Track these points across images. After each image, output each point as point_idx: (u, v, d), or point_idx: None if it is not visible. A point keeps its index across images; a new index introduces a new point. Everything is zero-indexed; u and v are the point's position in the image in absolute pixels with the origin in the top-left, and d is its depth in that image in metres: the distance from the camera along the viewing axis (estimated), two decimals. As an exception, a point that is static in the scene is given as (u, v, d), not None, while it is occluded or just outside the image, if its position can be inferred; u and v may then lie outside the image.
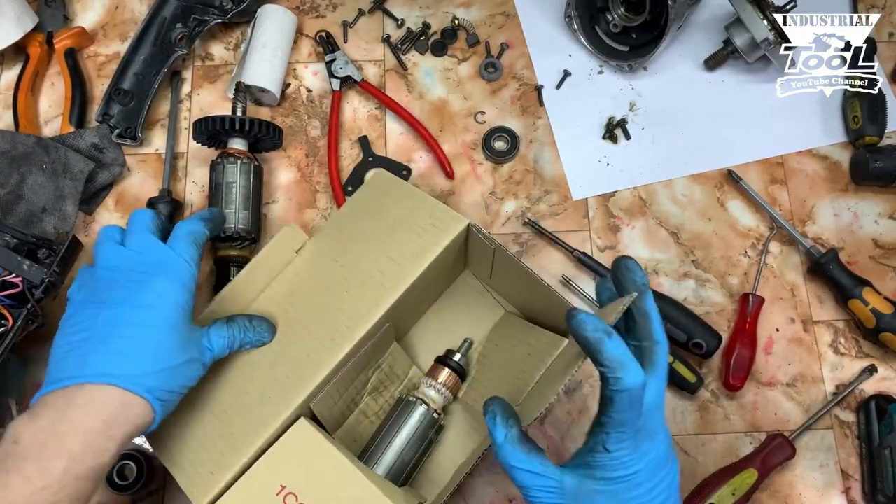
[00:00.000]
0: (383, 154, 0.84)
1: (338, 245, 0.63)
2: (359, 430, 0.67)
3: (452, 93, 0.87)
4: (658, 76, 0.88)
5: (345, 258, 0.62)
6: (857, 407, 0.75)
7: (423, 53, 0.88)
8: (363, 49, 0.88)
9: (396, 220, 0.62)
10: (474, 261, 0.70)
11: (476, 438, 0.67)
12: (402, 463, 0.62)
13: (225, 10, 0.85)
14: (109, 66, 0.86)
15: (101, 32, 0.89)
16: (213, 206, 0.76)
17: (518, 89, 0.87)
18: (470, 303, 0.72)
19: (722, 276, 0.80)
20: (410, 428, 0.63)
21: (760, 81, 0.87)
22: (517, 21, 0.90)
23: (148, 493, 0.70)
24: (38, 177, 0.75)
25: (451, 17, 0.89)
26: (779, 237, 0.81)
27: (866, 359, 0.77)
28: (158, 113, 0.85)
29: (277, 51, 0.84)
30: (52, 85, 0.86)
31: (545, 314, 0.65)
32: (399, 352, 0.67)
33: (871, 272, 0.79)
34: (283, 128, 0.82)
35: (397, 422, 0.63)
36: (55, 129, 0.83)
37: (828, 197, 0.83)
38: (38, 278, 0.65)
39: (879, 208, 0.83)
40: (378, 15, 0.90)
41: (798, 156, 0.85)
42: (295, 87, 0.87)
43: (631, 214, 0.82)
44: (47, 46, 0.85)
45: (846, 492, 0.73)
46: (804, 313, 0.79)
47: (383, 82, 0.87)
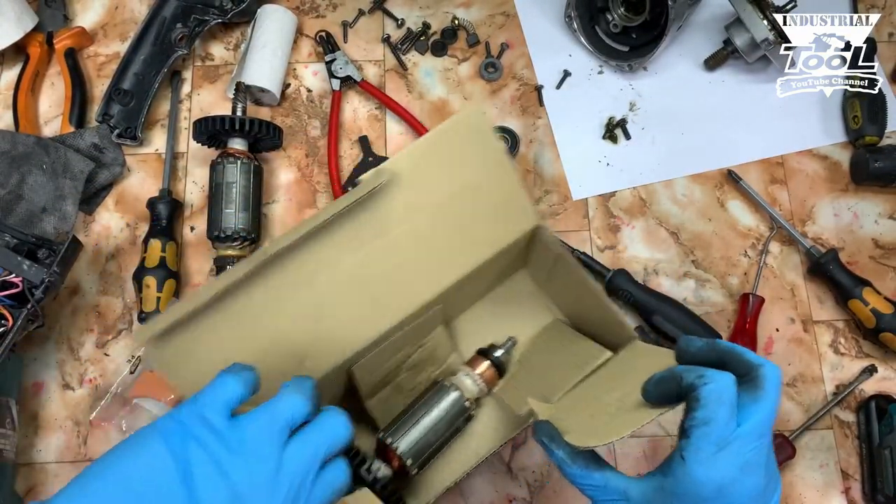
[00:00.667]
0: (383, 154, 0.84)
1: (416, 195, 0.56)
2: (391, 402, 0.66)
3: (452, 93, 0.87)
4: (658, 76, 0.88)
5: (417, 218, 0.57)
6: (857, 407, 0.75)
7: (423, 53, 0.88)
8: (363, 49, 0.88)
9: (471, 184, 0.57)
10: (534, 261, 0.70)
11: (502, 435, 0.66)
12: (426, 443, 0.61)
13: (225, 10, 0.85)
14: (109, 66, 0.86)
15: (101, 32, 0.89)
16: (213, 206, 0.76)
17: (518, 89, 0.87)
18: (521, 302, 0.72)
19: (722, 276, 0.80)
20: (441, 411, 0.63)
21: (760, 81, 0.87)
22: (517, 21, 0.90)
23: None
24: (38, 177, 0.75)
25: (451, 17, 0.89)
26: (779, 237, 0.81)
27: (866, 359, 0.77)
28: (158, 113, 0.85)
29: (277, 51, 0.84)
30: (52, 85, 0.86)
31: (596, 327, 0.64)
32: (444, 335, 0.67)
33: (871, 272, 0.79)
34: (283, 128, 0.82)
35: (429, 402, 0.63)
36: (55, 129, 0.83)
37: (828, 197, 0.83)
38: (37, 278, 0.65)
39: (879, 208, 0.83)
40: (378, 15, 0.90)
41: (798, 156, 0.85)
42: (295, 87, 0.87)
43: (631, 214, 0.82)
44: (47, 46, 0.85)
45: (846, 492, 0.73)
46: (804, 313, 0.79)
47: (383, 82, 0.87)
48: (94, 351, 0.75)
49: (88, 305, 0.77)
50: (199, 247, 0.79)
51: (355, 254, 0.56)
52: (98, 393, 0.73)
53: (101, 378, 0.74)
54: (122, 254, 0.79)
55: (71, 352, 0.75)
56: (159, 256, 0.75)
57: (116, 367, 0.74)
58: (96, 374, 0.74)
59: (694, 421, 0.38)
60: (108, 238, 0.79)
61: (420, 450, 0.61)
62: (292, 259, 0.53)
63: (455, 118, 0.57)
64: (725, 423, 0.38)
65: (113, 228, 0.80)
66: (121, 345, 0.75)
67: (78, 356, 0.75)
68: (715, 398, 0.38)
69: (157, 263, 0.74)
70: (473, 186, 0.58)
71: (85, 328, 0.76)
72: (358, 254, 0.56)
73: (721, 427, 0.38)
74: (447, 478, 0.64)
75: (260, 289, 0.52)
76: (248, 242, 0.77)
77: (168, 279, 0.74)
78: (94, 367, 0.75)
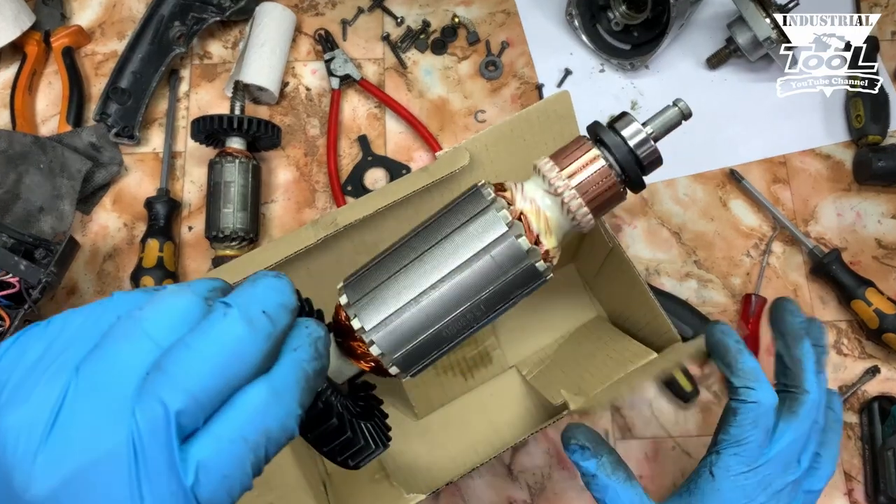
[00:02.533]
0: (383, 153, 0.83)
1: (487, 177, 0.55)
2: (425, 381, 0.65)
3: (452, 91, 0.86)
4: (660, 75, 0.87)
5: None
6: (860, 408, 0.75)
7: (422, 52, 0.88)
8: (362, 47, 0.88)
9: None
10: (584, 255, 0.69)
11: (528, 425, 0.65)
12: (424, 341, 0.35)
13: (223, 9, 0.84)
14: (107, 65, 0.86)
15: (98, 31, 0.88)
16: (211, 206, 0.75)
17: (518, 88, 0.86)
18: (566, 295, 0.71)
19: (724, 276, 0.79)
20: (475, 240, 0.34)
21: (763, 80, 0.86)
22: (517, 19, 0.89)
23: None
24: (35, 176, 0.74)
25: (452, 14, 0.89)
26: (781, 237, 0.81)
27: (869, 360, 0.77)
28: (156, 112, 0.84)
29: (276, 49, 0.83)
30: (50, 84, 0.85)
31: (639, 328, 0.63)
32: None
33: (874, 272, 0.78)
34: (282, 127, 0.81)
35: (448, 222, 0.36)
36: (52, 128, 0.83)
37: (830, 196, 0.83)
38: (35, 278, 0.64)
39: (882, 208, 0.82)
40: (377, 13, 0.90)
41: (801, 155, 0.84)
42: (294, 86, 0.86)
43: (633, 214, 0.82)
44: (44, 45, 0.85)
45: (849, 494, 0.72)
46: (807, 314, 0.78)
47: (383, 81, 0.86)
48: (92, 352, 0.75)
49: (86, 306, 0.76)
50: (198, 247, 0.79)
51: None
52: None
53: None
54: (120, 254, 0.78)
55: (68, 352, 0.74)
56: (157, 256, 0.74)
57: (114, 368, 0.74)
58: (94, 375, 0.74)
59: (728, 436, 0.39)
60: (105, 238, 0.79)
61: (412, 350, 0.35)
62: (360, 230, 0.52)
63: (542, 103, 0.56)
64: (758, 442, 0.38)
65: (110, 228, 0.79)
66: (118, 345, 0.75)
67: (75, 357, 0.74)
68: (751, 419, 0.38)
69: (154, 263, 0.74)
70: None
71: (82, 329, 0.75)
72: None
73: (754, 445, 0.38)
74: (458, 467, 0.62)
75: (326, 257, 0.52)
76: (246, 242, 0.76)
77: (166, 279, 0.74)
78: (92, 368, 0.74)
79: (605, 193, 0.36)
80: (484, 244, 0.34)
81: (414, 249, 0.35)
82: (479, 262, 0.34)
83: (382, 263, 0.35)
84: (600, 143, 0.37)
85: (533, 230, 0.35)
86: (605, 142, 0.37)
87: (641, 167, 0.37)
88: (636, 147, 0.37)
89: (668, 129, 0.39)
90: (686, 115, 0.39)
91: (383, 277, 0.34)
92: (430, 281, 0.34)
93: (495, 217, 0.34)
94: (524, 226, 0.35)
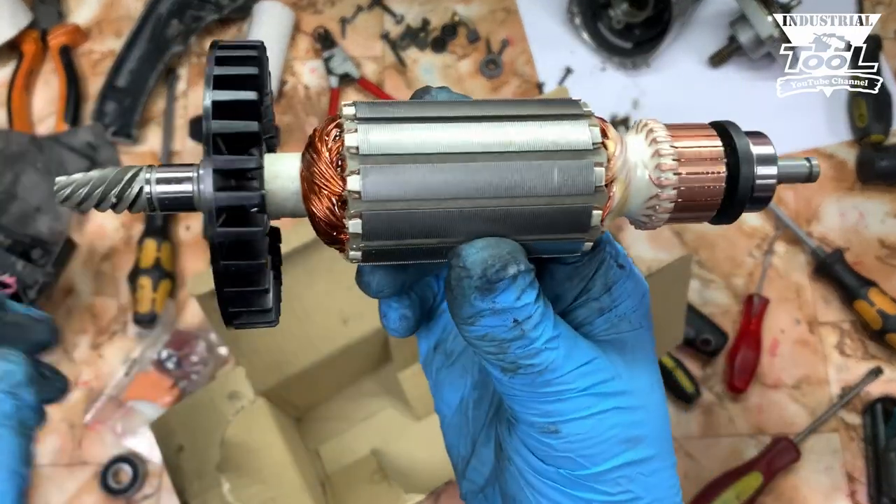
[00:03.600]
0: (382, 152, 0.83)
1: None
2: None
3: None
4: (661, 73, 0.86)
5: None
6: (863, 409, 0.74)
7: (422, 50, 0.87)
8: (362, 46, 0.87)
9: None
10: None
11: None
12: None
13: (221, 7, 0.84)
14: (104, 64, 0.85)
15: (95, 29, 0.87)
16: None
17: (519, 86, 0.86)
18: None
19: (726, 276, 0.79)
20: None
21: (765, 79, 0.86)
22: (518, 17, 0.89)
23: (143, 496, 0.69)
24: (32, 176, 0.74)
25: (452, 13, 0.88)
26: (784, 237, 0.80)
27: (872, 360, 0.76)
28: (153, 111, 0.84)
29: (274, 47, 0.83)
30: (47, 83, 0.85)
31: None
32: None
33: (877, 272, 0.78)
34: (281, 126, 0.81)
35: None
36: (49, 127, 0.82)
37: (833, 196, 0.82)
38: (32, 279, 0.64)
39: (886, 208, 0.82)
40: (377, 11, 0.89)
41: (804, 154, 0.84)
42: (292, 85, 0.86)
43: (633, 214, 0.81)
44: (42, 44, 0.84)
45: (851, 495, 0.72)
46: (810, 314, 0.78)
47: (382, 79, 0.86)
48: (89, 352, 0.74)
49: (83, 306, 0.76)
50: (195, 246, 0.78)
51: None
52: (92, 395, 0.72)
53: (95, 380, 0.73)
54: (117, 254, 0.78)
55: (65, 353, 0.74)
56: (154, 257, 0.74)
57: (111, 369, 0.74)
58: (91, 376, 0.73)
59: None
60: (102, 238, 0.78)
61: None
62: None
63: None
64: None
65: (107, 228, 0.79)
66: (115, 346, 0.74)
67: (72, 357, 0.74)
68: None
69: (152, 264, 0.73)
70: None
71: (79, 329, 0.75)
72: None
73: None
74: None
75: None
76: (244, 242, 0.76)
77: (163, 279, 0.73)
78: (89, 369, 0.74)
79: (699, 202, 0.28)
80: (557, 147, 0.26)
81: (468, 106, 0.27)
82: (536, 161, 0.26)
83: (421, 106, 0.27)
84: (726, 145, 0.28)
85: (613, 193, 0.27)
86: (734, 146, 0.28)
87: (749, 197, 0.28)
88: (761, 173, 0.28)
89: (790, 177, 0.29)
90: (812, 178, 0.30)
91: (415, 113, 0.26)
92: (470, 144, 0.26)
93: (585, 129, 0.27)
94: (606, 178, 0.27)
